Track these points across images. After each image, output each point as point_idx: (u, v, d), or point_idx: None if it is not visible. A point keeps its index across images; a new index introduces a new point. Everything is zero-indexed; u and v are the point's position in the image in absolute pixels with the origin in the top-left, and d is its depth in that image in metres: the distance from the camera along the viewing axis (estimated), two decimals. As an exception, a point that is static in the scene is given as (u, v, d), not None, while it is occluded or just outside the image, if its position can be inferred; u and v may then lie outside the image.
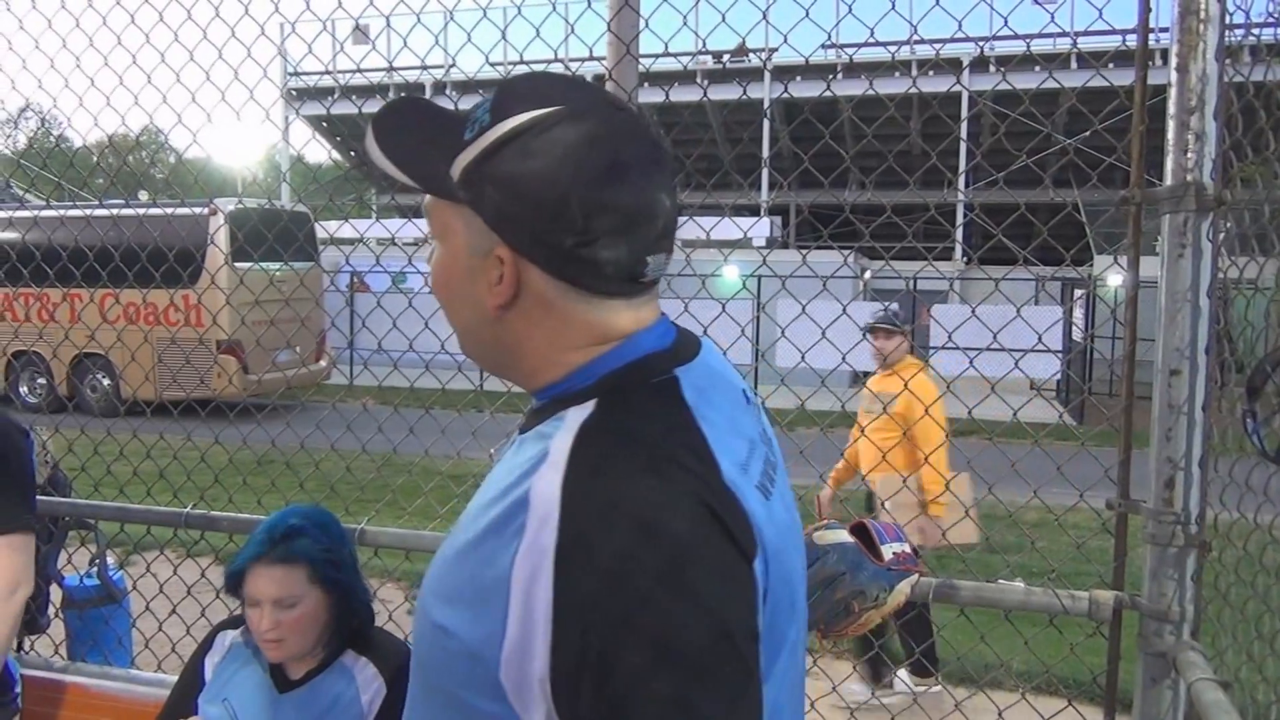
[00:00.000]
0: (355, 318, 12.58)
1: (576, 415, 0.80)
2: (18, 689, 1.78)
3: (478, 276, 0.83)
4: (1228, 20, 1.58)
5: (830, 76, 16.51)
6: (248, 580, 1.59)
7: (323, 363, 12.62)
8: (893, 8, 2.29)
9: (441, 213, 0.86)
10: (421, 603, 0.82)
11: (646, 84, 2.22)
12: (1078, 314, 13.76)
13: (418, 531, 2.28)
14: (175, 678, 1.80)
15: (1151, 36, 1.78)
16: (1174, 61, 1.58)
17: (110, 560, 3.41)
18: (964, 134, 16.64)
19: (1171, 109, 1.59)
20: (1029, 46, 2.48)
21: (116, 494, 3.07)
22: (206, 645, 1.75)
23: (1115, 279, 11.46)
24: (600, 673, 0.69)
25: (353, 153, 25.72)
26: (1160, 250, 1.62)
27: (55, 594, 3.40)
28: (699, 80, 17.95)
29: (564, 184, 0.78)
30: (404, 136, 0.86)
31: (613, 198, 0.79)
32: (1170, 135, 1.60)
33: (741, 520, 0.76)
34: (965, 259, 15.76)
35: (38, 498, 3.05)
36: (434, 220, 0.87)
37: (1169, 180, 1.60)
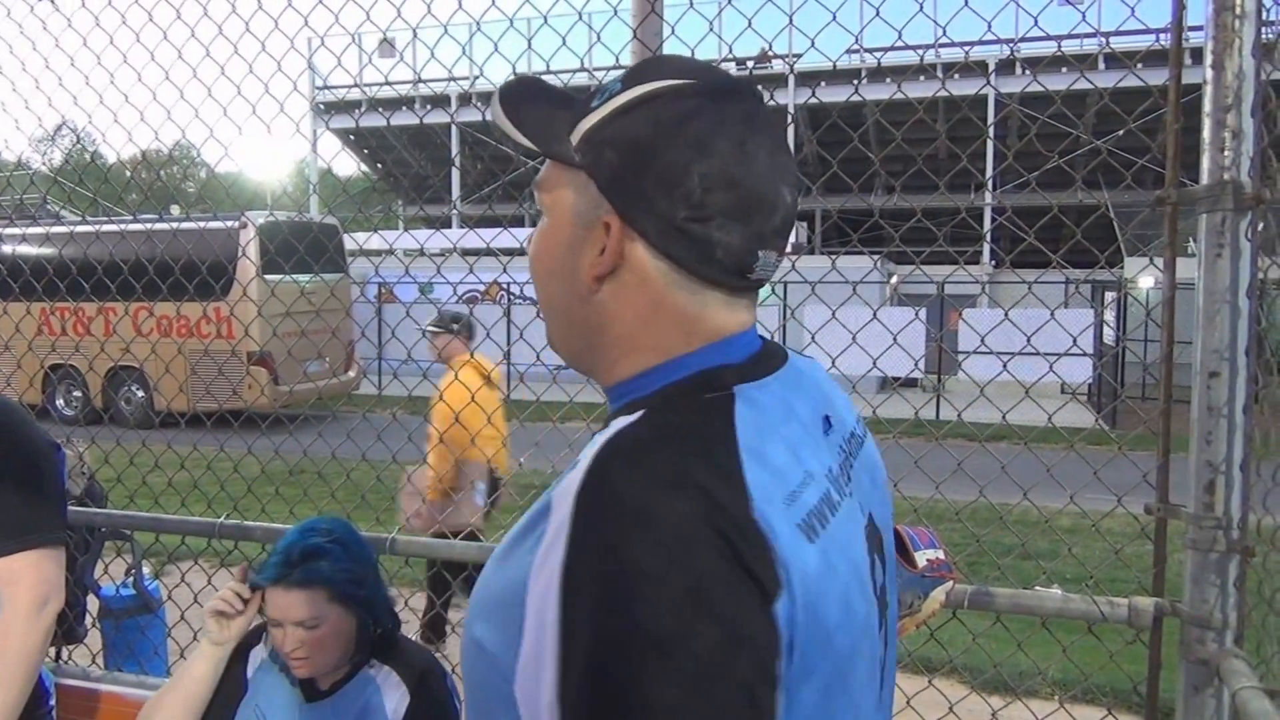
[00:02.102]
0: (381, 327, 12.68)
1: (619, 423, 0.76)
2: (52, 701, 1.80)
3: (580, 248, 0.80)
4: (1264, 16, 1.55)
5: (856, 81, 16.45)
6: (269, 601, 1.59)
7: (352, 373, 12.73)
8: (920, 10, 2.28)
9: (553, 181, 0.83)
10: (466, 616, 0.80)
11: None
12: (1109, 316, 13.58)
13: (449, 541, 2.29)
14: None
15: (1184, 34, 1.76)
16: (1209, 59, 1.55)
17: (145, 570, 3.45)
18: (992, 136, 16.50)
19: (1208, 107, 1.57)
20: (1060, 47, 2.45)
21: (151, 505, 3.11)
22: (237, 657, 1.75)
23: (1147, 281, 11.30)
24: (600, 710, 0.64)
25: (380, 164, 25.97)
26: (1197, 250, 1.59)
27: (92, 604, 3.45)
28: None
29: (687, 152, 0.75)
30: (529, 104, 0.85)
31: (735, 175, 0.76)
32: (1206, 133, 1.57)
33: (763, 555, 0.68)
34: (994, 262, 15.62)
35: (74, 509, 3.09)
36: (544, 190, 0.84)
37: (1205, 179, 1.57)
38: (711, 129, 0.76)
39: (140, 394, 11.66)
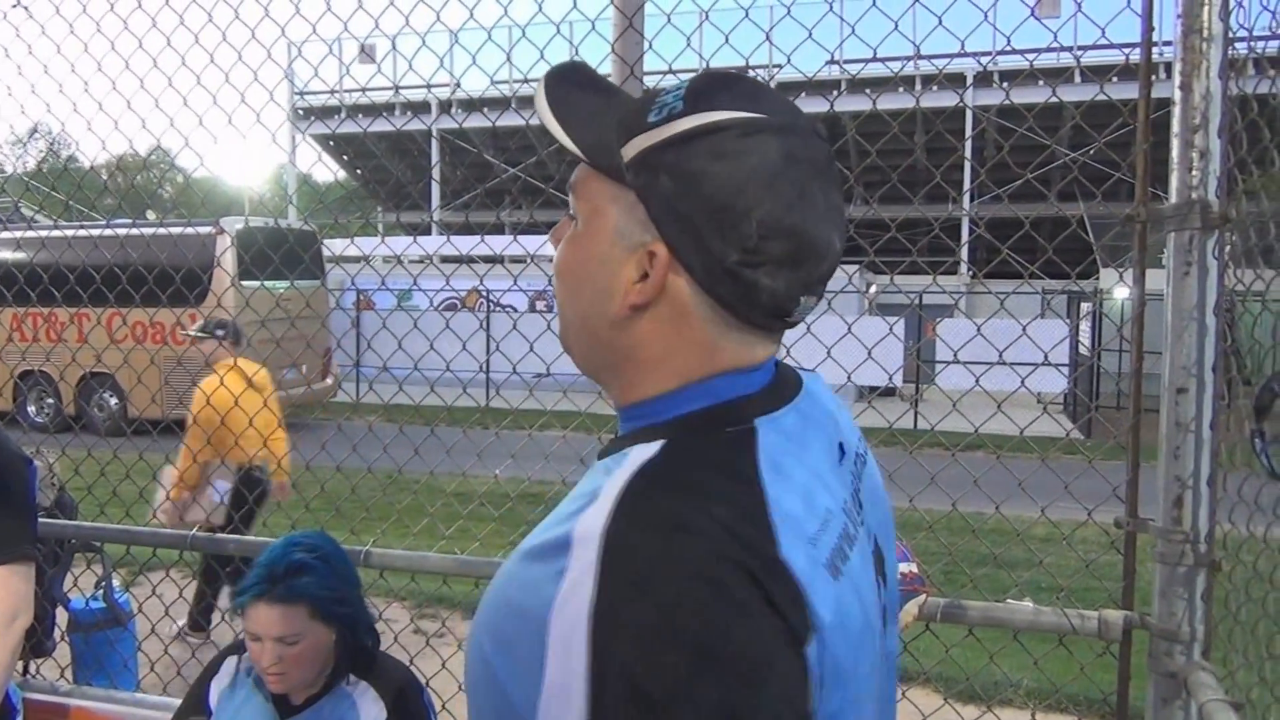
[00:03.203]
0: (359, 336, 12.61)
1: (639, 454, 0.73)
2: (19, 717, 1.77)
3: (618, 269, 0.76)
4: (1231, 34, 1.58)
5: (833, 93, 16.55)
6: (249, 616, 1.58)
7: (329, 381, 12.65)
8: (895, 27, 2.30)
9: (595, 190, 0.78)
10: (474, 621, 0.76)
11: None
12: (1084, 328, 13.73)
13: (423, 553, 2.28)
14: (180, 700, 1.79)
15: (1155, 49, 1.78)
16: (1177, 80, 1.58)
17: (116, 582, 3.40)
18: (968, 149, 16.65)
19: (1176, 127, 1.59)
20: (1032, 64, 2.48)
21: (123, 516, 3.07)
22: (213, 669, 1.74)
23: (1122, 292, 11.44)
24: None
25: (359, 171, 25.85)
26: (1166, 267, 1.61)
27: (61, 617, 3.40)
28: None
29: (749, 196, 0.72)
30: (578, 101, 0.80)
31: (793, 224, 0.73)
32: (1175, 153, 1.59)
33: (793, 597, 0.68)
34: (971, 274, 15.74)
35: (44, 521, 3.05)
36: (583, 197, 0.80)
37: (1174, 198, 1.59)
38: (775, 172, 0.73)
39: (114, 401, 11.53)
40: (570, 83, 0.81)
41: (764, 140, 0.73)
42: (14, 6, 2.87)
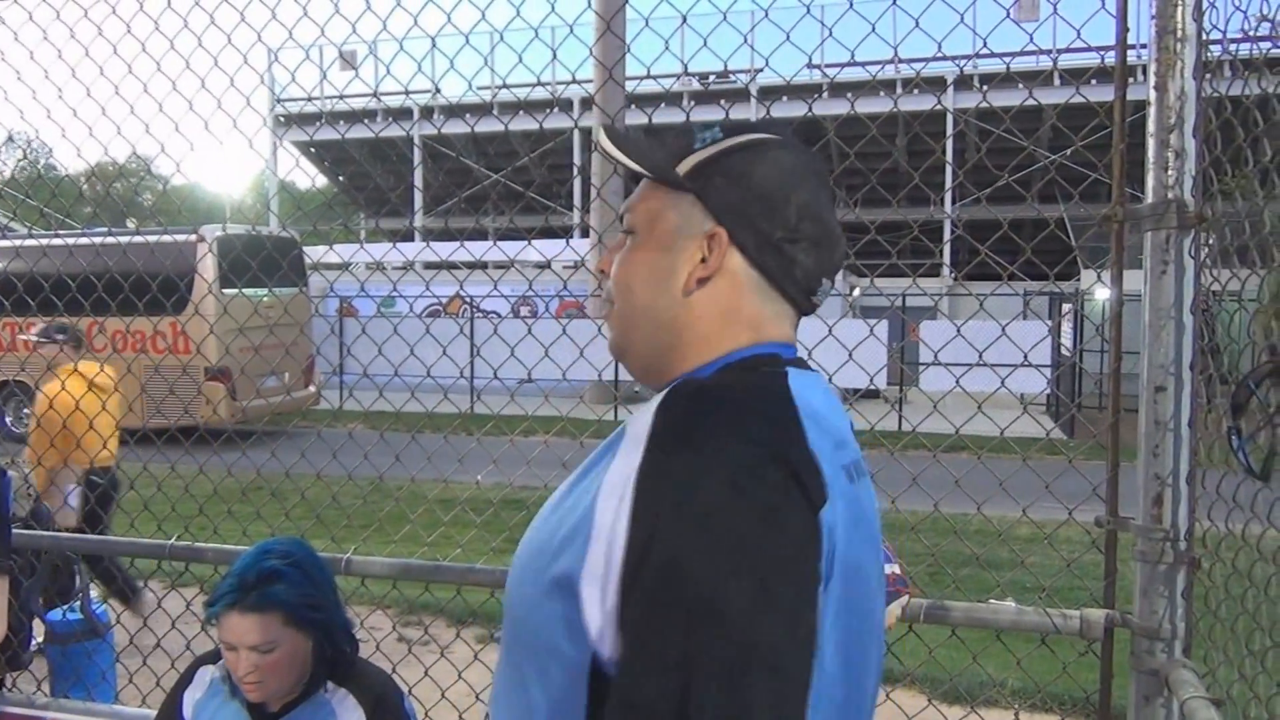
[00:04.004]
0: (341, 343, 12.52)
1: (682, 387, 0.89)
2: (-4, 729, 1.75)
3: (680, 256, 0.96)
4: (1205, 37, 1.59)
5: (814, 97, 16.61)
6: (223, 625, 1.56)
7: (311, 388, 12.57)
8: (873, 30, 2.31)
9: (654, 203, 0.98)
10: (527, 570, 0.88)
11: (632, 106, 2.23)
12: (1065, 328, 13.82)
13: (404, 560, 2.26)
14: (153, 712, 1.77)
15: (1131, 52, 1.79)
16: (1152, 80, 1.59)
17: (94, 594, 3.36)
18: (949, 152, 16.75)
19: (1151, 127, 1.60)
20: (1009, 66, 2.49)
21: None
22: (186, 679, 1.72)
23: (1101, 293, 11.52)
24: (660, 572, 0.75)
25: (340, 178, 25.73)
26: (1144, 267, 1.62)
27: (38, 629, 3.35)
28: (684, 102, 18.05)
29: (787, 186, 0.95)
30: (632, 138, 1.02)
31: (819, 211, 0.96)
32: (1150, 153, 1.60)
33: (816, 480, 0.82)
34: (952, 275, 15.84)
35: (19, 532, 3.01)
36: (641, 212, 0.99)
37: (1150, 198, 1.60)
38: (802, 171, 0.97)
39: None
40: (622, 129, 1.09)
41: (785, 152, 0.97)
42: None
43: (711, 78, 18.64)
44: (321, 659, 1.62)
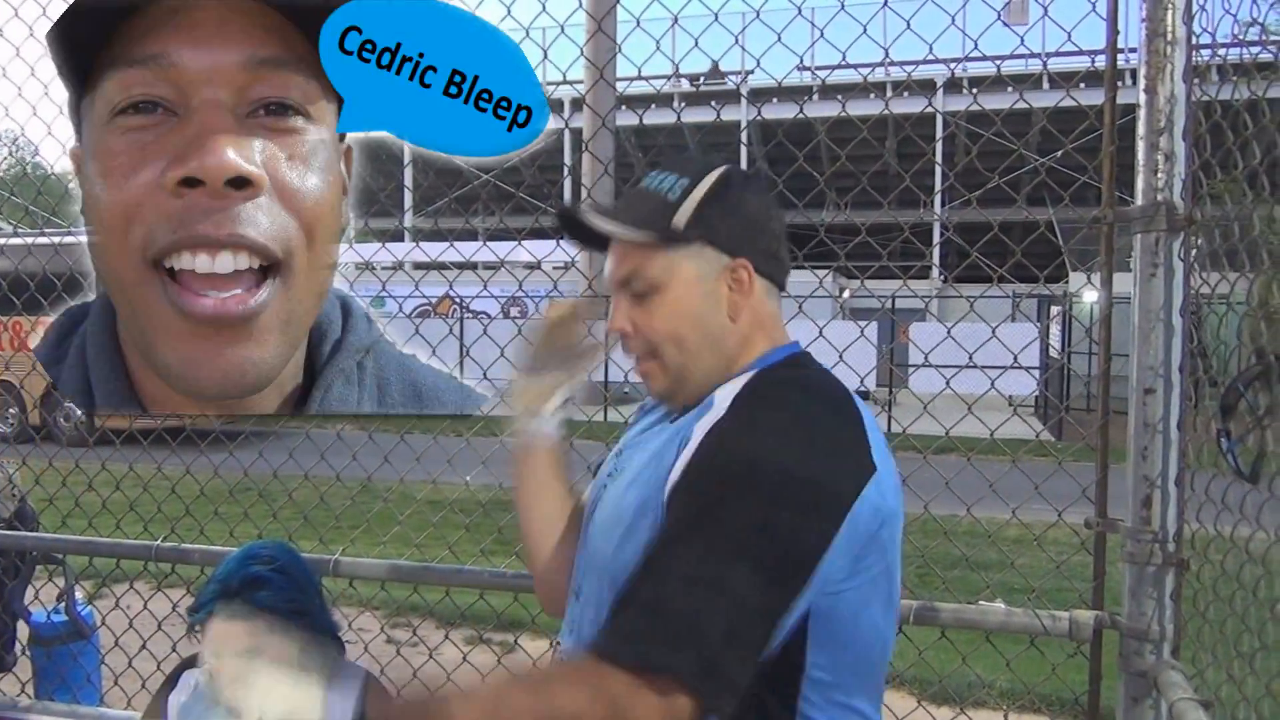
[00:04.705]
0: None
1: (739, 381, 1.10)
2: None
3: (715, 294, 1.11)
4: (1194, 41, 1.60)
5: (804, 99, 16.62)
6: (208, 631, 1.54)
7: (300, 388, 12.54)
8: (864, 31, 2.31)
9: (661, 261, 1.11)
10: (617, 525, 1.09)
11: (623, 107, 2.22)
12: (1054, 330, 13.88)
13: (393, 561, 2.25)
14: (139, 715, 1.75)
15: (1121, 57, 1.80)
16: (1142, 83, 1.59)
17: (79, 595, 3.34)
18: (939, 154, 16.81)
19: (1141, 130, 1.60)
20: (999, 69, 2.50)
21: (85, 527, 3.01)
22: (170, 683, 1.70)
23: (1091, 295, 11.57)
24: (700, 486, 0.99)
25: (330, 177, 25.64)
26: (1133, 269, 1.63)
27: (22, 631, 3.32)
28: (675, 103, 18.06)
29: (768, 206, 1.16)
30: (622, 211, 1.14)
31: (780, 217, 1.18)
32: (1140, 155, 1.61)
33: (868, 455, 1.03)
34: (942, 278, 15.89)
35: (4, 532, 2.98)
36: (651, 272, 1.11)
37: (1140, 200, 1.61)
38: (764, 190, 1.17)
39: (79, 411, 11.32)
40: (603, 203, 1.21)
41: (741, 175, 1.16)
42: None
43: (702, 79, 18.66)
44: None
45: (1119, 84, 1.74)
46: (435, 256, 3.01)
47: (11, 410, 11.43)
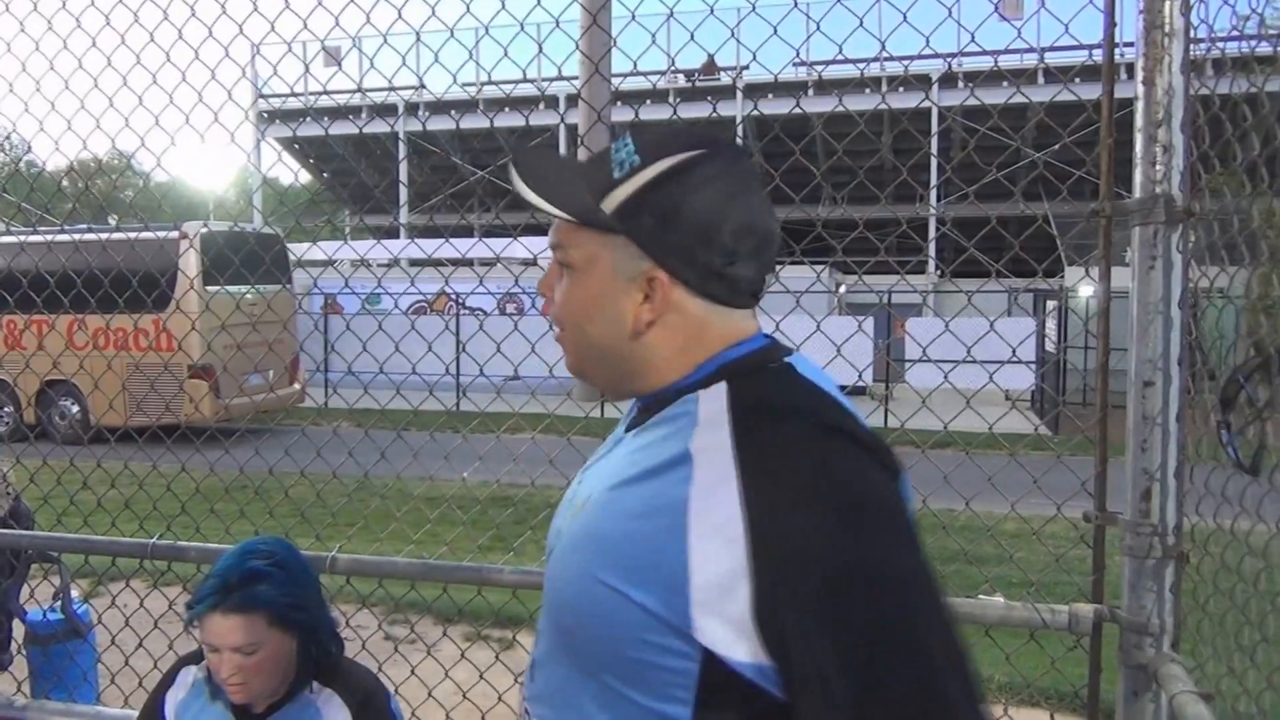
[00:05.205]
0: (326, 340, 12.44)
1: (712, 394, 0.91)
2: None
3: (622, 298, 0.94)
4: (1192, 34, 1.59)
5: (800, 93, 16.61)
6: (205, 627, 1.54)
7: (295, 385, 12.49)
8: (860, 24, 2.30)
9: (585, 243, 0.95)
10: (571, 574, 0.90)
11: (618, 103, 2.21)
12: (1051, 325, 13.89)
13: (390, 558, 2.24)
14: (136, 712, 1.74)
15: (1117, 50, 1.79)
16: (1140, 75, 1.59)
17: (75, 593, 3.32)
18: (935, 149, 16.80)
19: (1139, 122, 1.60)
20: (996, 62, 2.49)
21: (81, 525, 3.00)
22: (168, 681, 1.69)
23: (1087, 290, 11.58)
24: (823, 608, 0.77)
25: (325, 174, 25.59)
26: (1131, 262, 1.62)
27: (18, 630, 3.31)
28: (670, 98, 18.03)
29: (718, 212, 0.91)
30: (548, 175, 0.97)
31: (753, 224, 0.93)
32: (1138, 148, 1.60)
33: (882, 448, 0.89)
34: (939, 272, 15.89)
35: (-2, 531, 2.97)
36: (573, 250, 0.96)
37: (1138, 193, 1.60)
38: (731, 188, 0.92)
39: (75, 409, 11.28)
40: (535, 163, 0.99)
41: (715, 167, 0.92)
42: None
43: (697, 74, 18.64)
44: (306, 659, 1.60)
45: (1115, 78, 1.74)
46: (431, 253, 3.00)
47: (6, 409, 11.39)
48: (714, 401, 0.90)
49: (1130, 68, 1.65)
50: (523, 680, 1.02)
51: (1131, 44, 1.65)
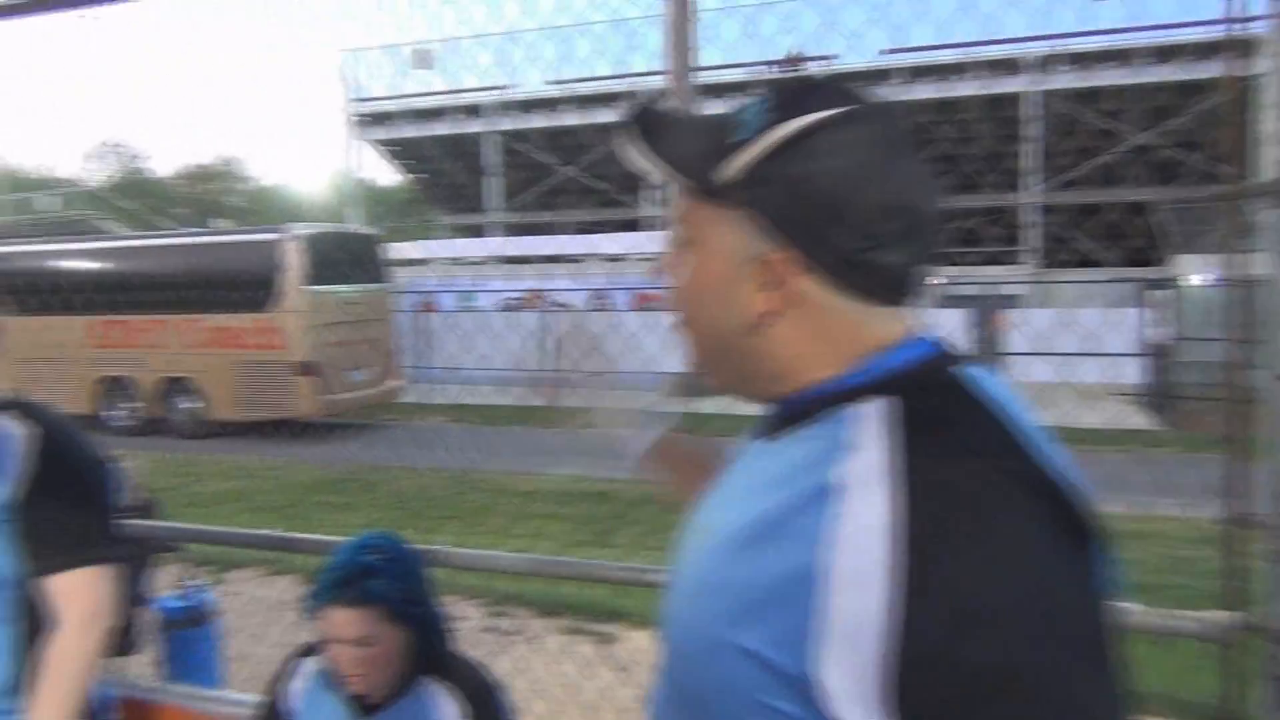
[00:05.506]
0: (426, 337, 12.73)
1: (865, 411, 0.74)
2: (112, 716, 1.81)
3: (740, 284, 0.79)
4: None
5: (895, 81, 16.23)
6: (324, 619, 1.58)
7: (395, 382, 12.82)
8: (963, 9, 2.23)
9: (702, 216, 0.81)
10: (686, 630, 0.78)
11: (706, 97, 2.20)
12: (1159, 315, 13.29)
13: (495, 553, 2.28)
14: (259, 698, 1.81)
15: (1234, 26, 1.70)
16: (1270, 49, 1.50)
17: (197, 581, 3.48)
18: (1034, 135, 16.22)
19: (1273, 96, 1.51)
20: (1105, 45, 2.38)
21: (201, 515, 3.14)
22: (287, 670, 1.75)
23: (1196, 278, 11.03)
24: (986, 676, 0.63)
25: (425, 174, 26.20)
26: (1261, 247, 1.53)
27: (146, 616, 3.48)
28: (754, 91, 17.87)
29: (857, 185, 0.75)
30: (666, 136, 0.83)
31: (903, 200, 0.76)
32: (1270, 125, 1.51)
33: (1073, 501, 0.71)
34: (1038, 263, 15.37)
35: (128, 521, 3.13)
36: (690, 224, 0.83)
37: (1273, 173, 1.51)
38: (877, 157, 0.76)
39: (191, 404, 11.80)
40: (653, 123, 0.84)
41: (856, 130, 0.76)
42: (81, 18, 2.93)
43: (782, 66, 18.40)
44: (418, 653, 1.64)
45: (1236, 56, 1.64)
46: (524, 252, 3.04)
47: (129, 405, 11.97)
48: (868, 421, 0.73)
49: (1241, 45, 1.56)
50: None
51: (1249, 19, 1.56)
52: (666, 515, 1.35)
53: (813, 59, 17.42)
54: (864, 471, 0.69)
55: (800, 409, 0.80)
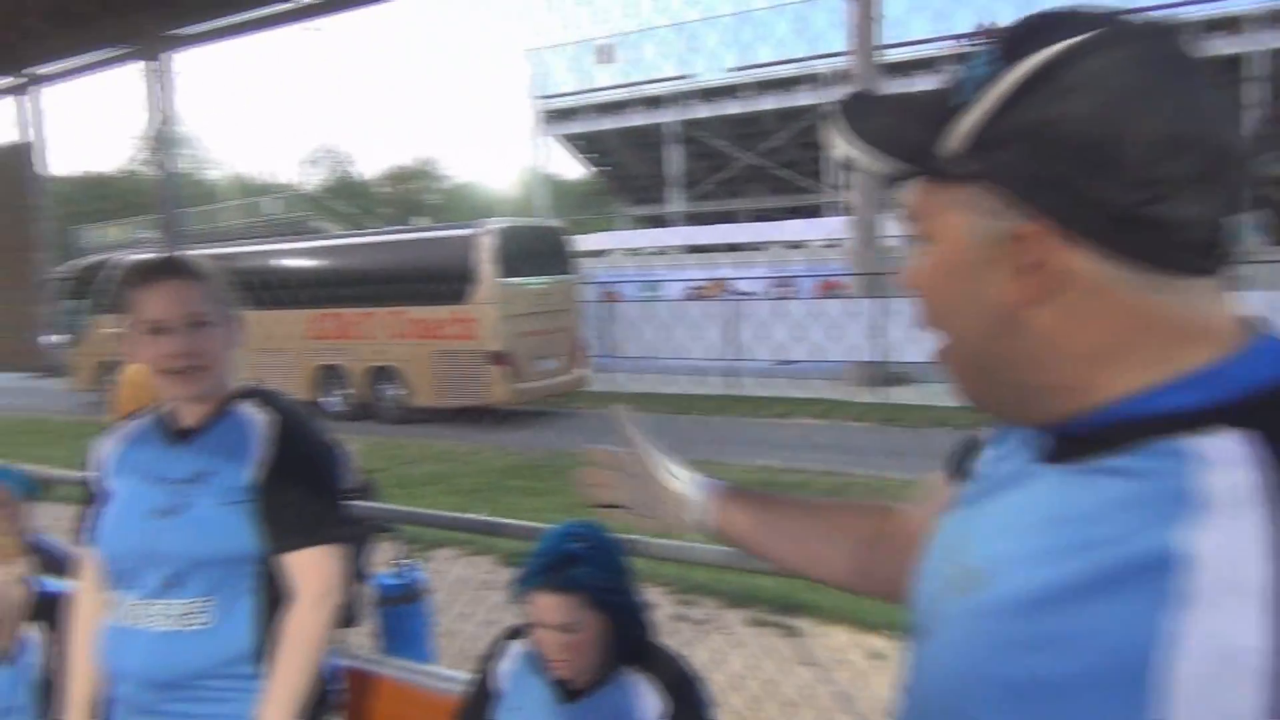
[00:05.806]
0: (612, 325, 13.00)
1: (1222, 449, 0.55)
2: (339, 684, 1.93)
3: (988, 269, 0.64)
4: None
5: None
6: (532, 604, 1.64)
7: (582, 370, 13.18)
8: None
9: (931, 203, 0.68)
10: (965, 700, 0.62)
11: (889, 75, 2.09)
12: None
13: (691, 544, 2.29)
14: (469, 675, 1.89)
15: None
16: None
17: (410, 560, 3.69)
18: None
19: None
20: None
21: (409, 496, 3.33)
22: (495, 651, 1.82)
23: None
24: None
25: (609, 166, 26.78)
26: None
27: (365, 592, 3.74)
28: (937, 68, 17.07)
29: (1120, 119, 0.58)
30: (878, 118, 0.70)
31: (1187, 133, 0.58)
32: None
33: None
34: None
35: (352, 503, 3.37)
36: (922, 218, 0.70)
37: None
38: (1150, 80, 0.58)
39: (396, 392, 12.54)
40: (865, 107, 0.72)
41: (1109, 55, 0.59)
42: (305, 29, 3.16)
43: (967, 40, 17.47)
44: (618, 642, 1.67)
45: None
46: (706, 241, 3.03)
47: (343, 391, 12.89)
48: (1225, 471, 0.54)
49: None
50: None
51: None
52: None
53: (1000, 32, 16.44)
54: (1230, 556, 0.51)
55: (1103, 433, 0.62)
